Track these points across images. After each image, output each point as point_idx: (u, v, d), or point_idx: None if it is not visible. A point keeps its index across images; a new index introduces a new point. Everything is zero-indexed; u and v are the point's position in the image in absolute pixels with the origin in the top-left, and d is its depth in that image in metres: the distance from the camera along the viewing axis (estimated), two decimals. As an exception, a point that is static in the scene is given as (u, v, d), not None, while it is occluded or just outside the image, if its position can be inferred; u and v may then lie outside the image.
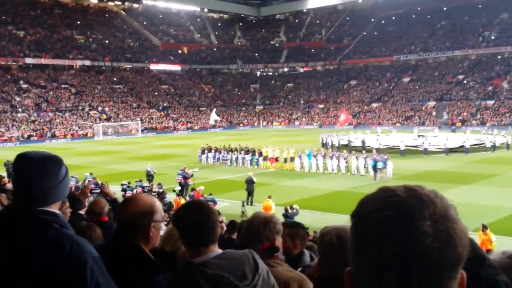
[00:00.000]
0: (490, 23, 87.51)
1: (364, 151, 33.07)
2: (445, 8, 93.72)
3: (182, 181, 25.82)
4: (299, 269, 3.43)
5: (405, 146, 38.00)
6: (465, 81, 78.59)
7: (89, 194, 6.49)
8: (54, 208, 2.24)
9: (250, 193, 23.46)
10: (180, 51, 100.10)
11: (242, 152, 35.92)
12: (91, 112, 74.86)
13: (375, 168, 28.58)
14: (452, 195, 22.91)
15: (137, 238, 2.54)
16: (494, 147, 38.90)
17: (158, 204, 2.62)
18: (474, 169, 30.67)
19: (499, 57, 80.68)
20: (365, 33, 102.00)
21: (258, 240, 2.99)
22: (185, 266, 2.37)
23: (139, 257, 2.50)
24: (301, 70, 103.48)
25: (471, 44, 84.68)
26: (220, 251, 2.39)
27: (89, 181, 24.56)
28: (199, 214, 2.42)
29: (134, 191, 23.34)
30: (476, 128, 57.72)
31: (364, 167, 30.04)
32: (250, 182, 23.69)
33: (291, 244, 3.95)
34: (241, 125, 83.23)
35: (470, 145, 38.36)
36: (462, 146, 38.24)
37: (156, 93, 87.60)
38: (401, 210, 0.96)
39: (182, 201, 19.31)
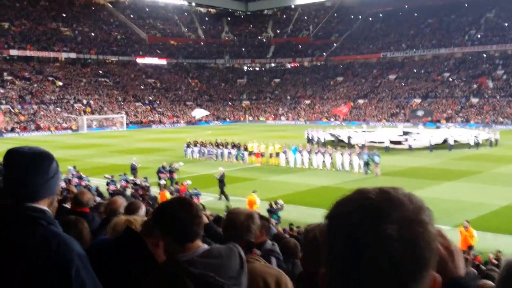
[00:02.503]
0: (476, 22, 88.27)
1: (349, 147, 33.17)
2: (432, 7, 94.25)
3: (169, 175, 25.85)
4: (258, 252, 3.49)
5: (390, 142, 38.24)
6: (450, 79, 79.23)
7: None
8: (43, 205, 2.20)
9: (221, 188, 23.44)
10: (167, 45, 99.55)
11: (228, 146, 35.88)
12: (75, 105, 74.22)
13: (368, 163, 28.79)
14: (435, 191, 23.15)
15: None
16: (477, 145, 39.29)
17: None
18: (458, 166, 30.93)
19: (485, 55, 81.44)
20: (352, 30, 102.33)
21: (245, 235, 3.00)
22: (170, 264, 2.31)
23: (145, 254, 2.47)
24: (288, 65, 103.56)
25: (457, 43, 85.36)
26: (205, 247, 2.35)
27: (72, 174, 24.40)
28: (187, 209, 2.39)
29: (118, 185, 23.22)
30: (460, 125, 58.25)
31: (349, 163, 30.17)
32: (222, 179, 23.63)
33: (259, 233, 4.01)
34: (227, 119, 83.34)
35: (455, 141, 38.70)
36: (445, 142, 38.56)
37: (142, 87, 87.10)
38: (369, 213, 0.97)
39: (167, 194, 19.23)
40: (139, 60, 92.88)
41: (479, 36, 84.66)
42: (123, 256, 2.69)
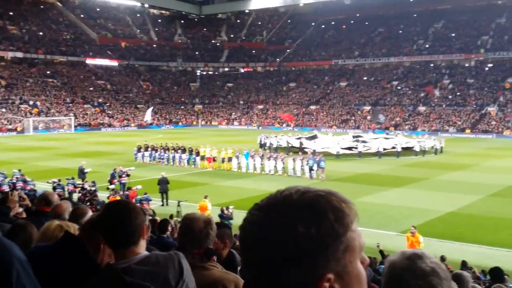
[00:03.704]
0: (424, 32, 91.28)
1: (301, 153, 33.49)
2: (382, 16, 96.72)
3: (112, 180, 25.22)
4: (239, 268, 3.43)
5: (341, 148, 38.85)
6: (399, 87, 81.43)
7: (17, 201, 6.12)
8: None
9: (165, 193, 23.21)
10: (118, 46, 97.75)
11: (179, 151, 35.53)
12: (21, 106, 71.71)
13: (312, 168, 29.30)
14: (384, 198, 23.65)
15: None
16: (423, 152, 40.46)
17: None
18: (405, 172, 31.74)
19: (432, 65, 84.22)
20: (305, 36, 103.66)
21: (204, 242, 2.95)
22: (106, 271, 2.26)
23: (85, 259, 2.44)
24: (242, 70, 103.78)
25: (405, 52, 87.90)
26: (145, 253, 2.28)
27: (17, 189, 23.47)
28: (116, 215, 2.33)
29: (65, 189, 22.56)
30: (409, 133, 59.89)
31: (301, 168, 30.46)
32: (164, 183, 23.41)
33: (221, 244, 3.90)
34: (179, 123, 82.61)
35: (402, 148, 39.71)
36: (394, 148, 39.52)
37: (91, 88, 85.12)
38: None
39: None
40: (89, 61, 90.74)
41: (427, 46, 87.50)
42: (63, 261, 2.63)
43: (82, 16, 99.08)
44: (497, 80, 74.57)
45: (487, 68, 78.63)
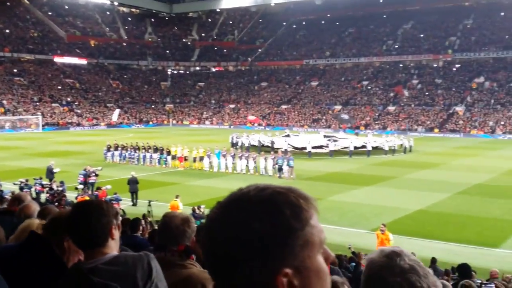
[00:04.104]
0: (393, 32, 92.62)
1: (272, 152, 33.54)
2: (352, 16, 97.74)
3: (83, 180, 24.72)
4: None
5: (312, 147, 39.06)
6: (369, 87, 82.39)
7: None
8: None
9: (134, 193, 22.98)
10: (87, 45, 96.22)
11: (150, 150, 35.17)
12: (-13, 105, 69.98)
13: (281, 167, 29.49)
14: (354, 196, 23.87)
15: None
16: (393, 151, 41.01)
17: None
18: (375, 171, 32.11)
19: (401, 65, 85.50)
20: (276, 36, 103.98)
21: (181, 239, 2.93)
22: (72, 271, 2.22)
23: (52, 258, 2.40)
24: (213, 69, 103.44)
25: (375, 52, 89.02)
26: (114, 254, 2.24)
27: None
28: (85, 214, 2.29)
29: (33, 189, 22.07)
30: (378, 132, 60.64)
31: (273, 167, 30.52)
32: (134, 182, 23.18)
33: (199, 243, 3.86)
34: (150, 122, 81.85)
35: (372, 147, 40.16)
36: (364, 147, 39.94)
37: (59, 87, 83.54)
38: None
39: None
40: (57, 59, 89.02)
41: (396, 46, 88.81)
42: (30, 261, 2.60)
43: (50, 13, 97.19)
44: (464, 81, 76.18)
45: (454, 69, 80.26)
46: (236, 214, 1.03)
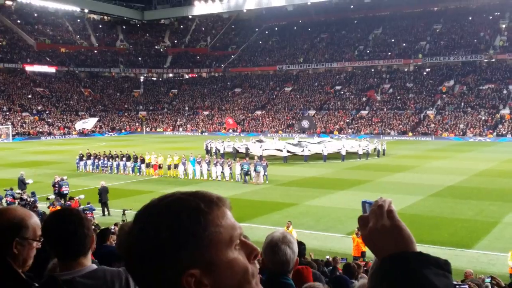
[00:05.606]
0: (364, 38, 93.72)
1: (247, 158, 33.50)
2: (324, 22, 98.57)
3: (61, 190, 24.32)
4: None
5: (287, 151, 39.15)
6: (342, 92, 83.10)
7: None
8: None
9: (105, 203, 22.50)
10: (57, 53, 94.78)
11: (124, 159, 34.75)
12: (-46, 115, 68.29)
13: (248, 173, 29.71)
14: (329, 200, 23.96)
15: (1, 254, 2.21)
16: (367, 155, 41.39)
17: (33, 221, 2.23)
18: (350, 175, 32.34)
19: (373, 70, 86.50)
20: (249, 42, 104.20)
21: None
22: (47, 283, 2.10)
23: (7, 274, 2.19)
24: (186, 76, 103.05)
25: (347, 57, 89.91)
26: (93, 267, 2.17)
27: None
28: (66, 223, 2.19)
29: (4, 200, 21.57)
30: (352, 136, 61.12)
31: (239, 173, 30.55)
32: (105, 192, 22.70)
33: None
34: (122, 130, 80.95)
35: (346, 152, 40.46)
36: (339, 152, 40.21)
37: (30, 96, 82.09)
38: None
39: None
40: (27, 68, 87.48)
41: (367, 51, 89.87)
42: None
43: (18, 21, 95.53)
44: (434, 84, 77.46)
45: (425, 73, 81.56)
46: (139, 225, 1.07)
